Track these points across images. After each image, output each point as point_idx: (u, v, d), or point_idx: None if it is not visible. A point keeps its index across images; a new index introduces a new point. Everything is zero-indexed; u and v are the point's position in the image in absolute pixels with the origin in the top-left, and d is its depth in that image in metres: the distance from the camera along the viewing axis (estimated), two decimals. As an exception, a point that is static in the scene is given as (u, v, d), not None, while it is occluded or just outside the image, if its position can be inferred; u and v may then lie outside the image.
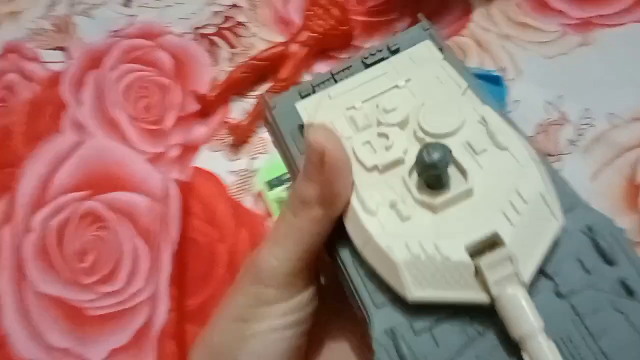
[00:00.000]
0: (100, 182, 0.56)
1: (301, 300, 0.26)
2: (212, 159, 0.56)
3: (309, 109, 0.28)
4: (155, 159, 0.56)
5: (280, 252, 0.25)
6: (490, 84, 0.49)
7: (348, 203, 0.24)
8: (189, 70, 0.60)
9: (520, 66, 0.55)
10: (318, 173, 0.24)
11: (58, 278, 0.52)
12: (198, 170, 0.56)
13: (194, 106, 0.58)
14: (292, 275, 0.25)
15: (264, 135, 0.56)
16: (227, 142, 0.57)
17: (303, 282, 0.26)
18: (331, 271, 0.27)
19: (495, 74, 0.49)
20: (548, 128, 0.51)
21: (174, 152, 0.56)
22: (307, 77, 0.58)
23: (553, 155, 0.50)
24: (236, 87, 0.58)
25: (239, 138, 0.56)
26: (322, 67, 0.59)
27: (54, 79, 0.61)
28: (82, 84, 0.60)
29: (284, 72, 0.56)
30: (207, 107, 0.58)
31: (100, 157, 0.57)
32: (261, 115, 0.56)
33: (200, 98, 0.57)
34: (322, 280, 0.29)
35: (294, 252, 0.25)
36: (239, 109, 0.58)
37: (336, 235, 0.24)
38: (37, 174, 0.56)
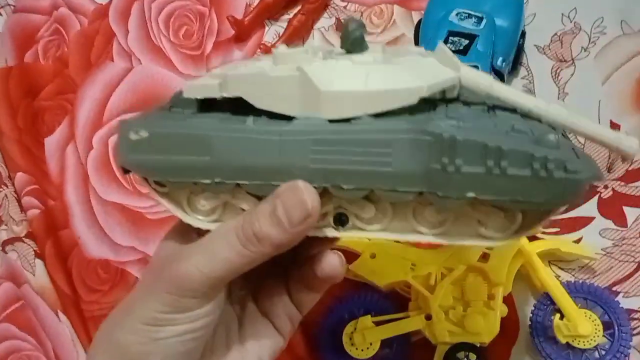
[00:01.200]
0: (149, 103, 0.61)
1: (215, 305, 0.27)
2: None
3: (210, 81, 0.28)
4: (197, 81, 0.62)
5: (208, 270, 0.26)
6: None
7: None
8: (224, -3, 0.65)
9: (537, -20, 0.58)
10: (291, 226, 0.26)
11: (119, 188, 0.58)
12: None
13: (230, 31, 0.62)
14: (212, 289, 0.27)
15: (296, 55, 0.61)
16: (262, 64, 0.61)
17: (219, 292, 0.28)
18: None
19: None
20: (563, 37, 0.55)
21: (215, 75, 0.61)
22: (336, 0, 0.62)
23: (567, 62, 0.54)
24: (269, 11, 0.62)
25: (274, 59, 0.61)
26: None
27: (102, 11, 0.66)
28: (127, 15, 0.65)
29: (314, -5, 0.60)
30: (243, 32, 0.62)
31: (148, 82, 0.62)
32: (294, 36, 0.60)
33: (236, 23, 0.61)
34: None
35: (223, 274, 0.26)
36: (272, 32, 0.62)
37: None
38: (93, 98, 0.62)
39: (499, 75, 0.51)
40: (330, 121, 0.26)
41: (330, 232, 0.29)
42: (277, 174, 0.27)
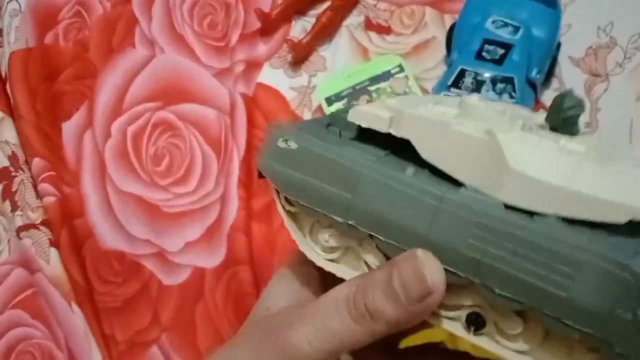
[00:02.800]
0: (170, 94, 0.60)
1: None
2: (274, 76, 0.60)
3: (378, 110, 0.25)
4: (221, 74, 0.60)
5: (318, 343, 0.24)
6: (547, 7, 0.51)
7: None
8: (252, -11, 0.63)
9: (574, -10, 0.56)
10: (409, 304, 0.22)
11: (136, 179, 0.57)
12: (261, 85, 0.60)
13: (256, 24, 0.61)
14: None
15: (323, 53, 0.60)
16: (288, 59, 0.60)
17: None
18: None
19: (552, -4, 0.51)
20: (598, 51, 0.54)
21: (239, 68, 0.60)
22: (365, -2, 0.61)
23: (601, 76, 0.53)
24: (297, 5, 0.61)
25: (299, 55, 0.59)
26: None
27: (126, -4, 0.64)
28: (151, 1, 0.63)
29: (344, -9, 0.58)
30: (269, 25, 0.61)
31: (170, 71, 0.61)
32: (322, 33, 0.59)
33: (263, 16, 0.60)
34: None
35: (332, 349, 0.24)
36: (299, 27, 0.61)
37: None
38: (114, 85, 0.61)
39: (532, 86, 0.50)
40: (507, 207, 0.21)
41: (458, 330, 0.24)
42: (419, 243, 0.23)
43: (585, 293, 0.20)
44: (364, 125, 0.25)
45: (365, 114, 0.25)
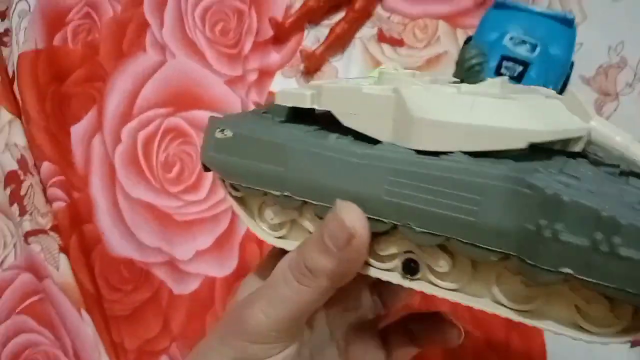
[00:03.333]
0: (182, 100, 0.60)
1: (289, 353, 0.26)
2: (286, 85, 0.60)
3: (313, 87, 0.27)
4: (233, 81, 0.60)
5: (272, 312, 0.25)
6: (563, 26, 0.52)
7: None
8: (266, -3, 0.63)
9: (585, 10, 0.57)
10: (339, 251, 0.24)
11: (147, 186, 0.57)
12: (273, 94, 0.60)
13: (269, 32, 0.61)
14: (283, 332, 0.26)
15: (336, 64, 0.60)
16: (300, 69, 0.60)
17: (292, 337, 0.26)
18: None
19: (570, 16, 0.52)
20: (608, 70, 0.55)
21: (252, 77, 0.60)
22: (379, 10, 0.61)
23: (611, 95, 0.54)
24: (311, 15, 0.61)
25: (312, 65, 0.59)
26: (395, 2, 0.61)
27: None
28: (163, 5, 0.63)
29: (359, 3, 0.59)
30: (282, 34, 0.61)
31: (181, 77, 0.61)
32: (336, 44, 0.59)
33: (276, 25, 0.60)
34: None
35: (287, 315, 0.25)
36: (312, 37, 0.61)
37: None
38: (124, 90, 0.60)
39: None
40: (418, 152, 0.23)
41: (397, 279, 0.26)
42: (345, 199, 0.24)
43: (492, 214, 0.21)
44: (289, 104, 0.27)
45: (289, 95, 0.27)
